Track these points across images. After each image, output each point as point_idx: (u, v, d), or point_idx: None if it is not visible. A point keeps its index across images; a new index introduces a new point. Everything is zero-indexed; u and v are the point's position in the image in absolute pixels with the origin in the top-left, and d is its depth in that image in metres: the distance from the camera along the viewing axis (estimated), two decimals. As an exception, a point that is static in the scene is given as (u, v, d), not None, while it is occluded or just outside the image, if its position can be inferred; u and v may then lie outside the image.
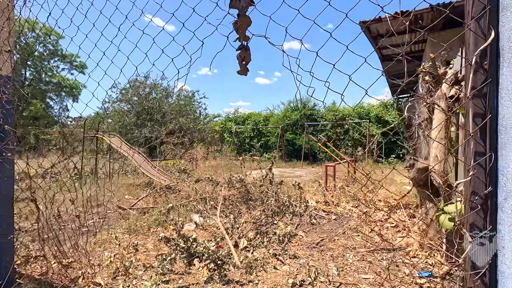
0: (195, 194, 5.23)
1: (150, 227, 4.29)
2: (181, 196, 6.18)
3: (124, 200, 6.38)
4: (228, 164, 13.55)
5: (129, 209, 4.93)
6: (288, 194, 5.93)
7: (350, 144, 16.08)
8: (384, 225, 4.32)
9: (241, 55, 1.28)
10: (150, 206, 5.30)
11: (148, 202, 5.61)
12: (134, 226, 4.27)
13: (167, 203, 5.57)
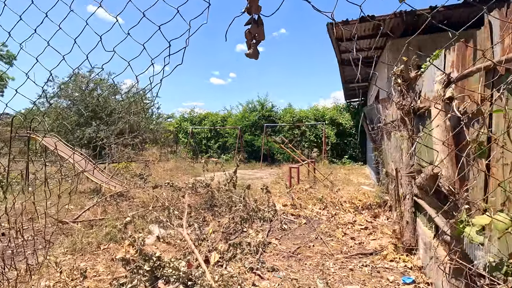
0: (154, 201, 4.65)
1: (100, 244, 3.64)
2: (136, 204, 5.51)
3: (65, 211, 5.46)
4: (185, 166, 12.83)
5: (72, 223, 4.17)
6: (254, 198, 5.66)
7: (307, 146, 16.51)
8: (354, 227, 4.31)
9: (251, 31, 0.96)
10: (98, 217, 4.57)
11: (96, 213, 4.86)
12: (80, 243, 3.59)
13: (120, 213, 4.89)
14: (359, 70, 10.17)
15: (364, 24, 5.50)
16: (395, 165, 3.75)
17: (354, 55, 7.95)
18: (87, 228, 4.26)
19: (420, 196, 1.62)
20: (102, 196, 5.55)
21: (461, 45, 2.15)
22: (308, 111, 17.34)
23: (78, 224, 4.29)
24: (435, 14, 5.02)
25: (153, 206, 4.43)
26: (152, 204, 4.50)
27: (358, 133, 15.26)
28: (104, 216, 4.73)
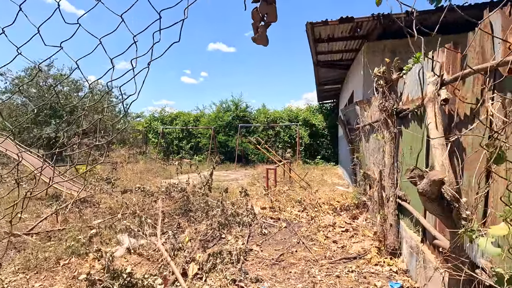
0: (123, 208, 4.25)
1: (59, 259, 3.21)
2: (103, 212, 5.03)
3: (17, 221, 4.84)
4: (156, 168, 12.22)
5: (25, 235, 3.66)
6: (231, 201, 5.44)
7: (281, 146, 16.56)
8: (335, 230, 4.26)
9: (261, 10, 0.77)
10: (58, 227, 4.08)
11: (55, 223, 4.34)
12: (34, 259, 3.14)
13: (84, 222, 4.42)
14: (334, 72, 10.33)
15: (342, 26, 5.51)
16: (377, 167, 3.74)
17: (331, 56, 8.02)
18: (44, 240, 3.77)
19: (422, 203, 1.51)
20: (63, 203, 5.00)
21: (451, 47, 2.12)
22: (282, 112, 17.41)
23: (32, 237, 3.78)
24: (410, 18, 5.16)
25: (122, 213, 4.04)
26: (121, 211, 4.10)
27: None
28: (65, 225, 4.24)
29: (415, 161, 2.76)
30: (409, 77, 3.09)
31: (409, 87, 3.07)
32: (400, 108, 3.21)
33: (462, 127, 1.92)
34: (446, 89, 2.07)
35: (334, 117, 16.14)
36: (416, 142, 2.76)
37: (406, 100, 3.15)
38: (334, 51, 7.50)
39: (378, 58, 6.02)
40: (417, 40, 5.21)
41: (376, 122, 4.04)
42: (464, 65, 1.95)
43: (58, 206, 4.53)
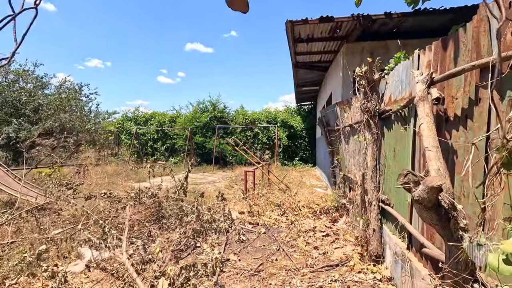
0: (84, 217, 3.83)
1: (5, 278, 2.78)
2: (63, 220, 4.55)
3: (-40, 233, 4.24)
4: (128, 171, 11.58)
5: (-35, 252, 3.16)
6: (208, 206, 5.15)
7: (259, 148, 16.41)
8: (316, 235, 4.12)
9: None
10: (8, 241, 3.59)
11: (5, 234, 3.83)
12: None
13: (40, 232, 3.95)
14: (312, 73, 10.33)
15: (322, 25, 5.43)
16: (358, 170, 3.64)
17: (309, 57, 7.96)
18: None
19: (417, 211, 1.36)
20: (16, 211, 4.47)
21: (438, 45, 2.02)
22: (261, 113, 17.28)
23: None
24: (388, 21, 5.18)
25: (84, 222, 3.62)
26: (82, 220, 3.68)
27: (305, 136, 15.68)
28: (17, 237, 3.75)
29: (400, 163, 2.66)
30: (391, 77, 3.01)
31: (391, 88, 2.98)
32: (382, 109, 3.12)
33: (452, 128, 1.82)
34: (433, 87, 1.96)
35: (312, 119, 16.26)
36: (400, 144, 2.66)
37: (389, 101, 3.06)
38: (313, 52, 7.44)
39: (357, 59, 6.02)
40: (394, 43, 5.21)
41: (357, 123, 3.95)
42: (455, 63, 1.85)
43: (9, 216, 4.01)
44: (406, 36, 5.91)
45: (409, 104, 2.43)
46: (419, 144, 2.25)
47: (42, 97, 16.60)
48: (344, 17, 4.98)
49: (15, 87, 16.21)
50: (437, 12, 4.74)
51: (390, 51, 5.81)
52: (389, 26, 5.58)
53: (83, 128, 16.83)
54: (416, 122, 2.32)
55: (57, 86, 18.13)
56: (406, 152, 2.50)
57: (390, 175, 2.94)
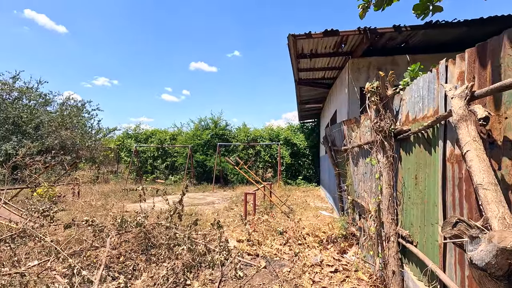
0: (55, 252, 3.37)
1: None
2: (43, 249, 4.09)
3: None
4: (124, 190, 11.14)
5: None
6: (203, 233, 4.68)
7: (261, 166, 15.97)
8: (323, 271, 3.61)
9: None
10: (-30, 277, 3.14)
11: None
12: None
13: (13, 265, 3.50)
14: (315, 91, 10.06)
15: (326, 40, 5.17)
16: (369, 196, 3.20)
17: (312, 74, 7.69)
18: None
19: (476, 279, 0.92)
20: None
21: (473, 53, 1.65)
22: (263, 130, 16.98)
23: None
24: (396, 34, 4.90)
25: (57, 256, 3.17)
26: (52, 257, 3.23)
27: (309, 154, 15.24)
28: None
29: (423, 194, 2.23)
30: (408, 93, 2.64)
31: (409, 105, 2.60)
32: (398, 129, 2.73)
33: (502, 155, 1.41)
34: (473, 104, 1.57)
35: (315, 137, 15.89)
36: (424, 171, 2.24)
37: (406, 119, 2.68)
38: (317, 68, 7.18)
39: (364, 75, 5.71)
40: (403, 58, 4.83)
41: (367, 143, 3.56)
42: (499, 74, 1.47)
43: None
44: (415, 51, 5.63)
45: (435, 124, 2.04)
46: (452, 173, 1.84)
47: (44, 114, 16.50)
48: (350, 30, 4.71)
49: (18, 105, 16.17)
50: (450, 25, 4.45)
51: (399, 67, 5.50)
52: (397, 41, 5.30)
53: (83, 145, 16.59)
54: (446, 146, 1.92)
55: (60, 103, 18.08)
56: (433, 182, 2.08)
57: (410, 206, 2.50)
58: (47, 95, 17.72)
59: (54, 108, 17.94)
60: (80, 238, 4.20)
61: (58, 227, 4.81)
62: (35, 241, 4.09)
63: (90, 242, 3.61)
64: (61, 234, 4.67)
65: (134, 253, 4.02)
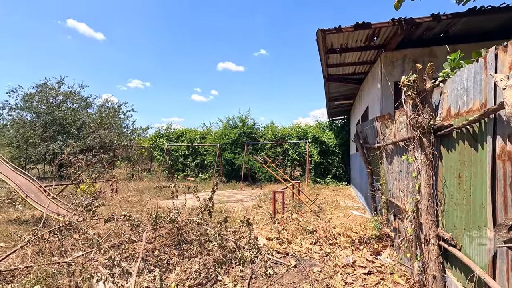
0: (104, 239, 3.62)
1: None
2: (86, 241, 4.40)
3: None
4: (157, 187, 11.63)
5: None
6: (233, 230, 4.74)
7: (289, 164, 15.84)
8: (356, 272, 3.50)
9: None
10: (25, 264, 3.46)
11: (26, 257, 3.73)
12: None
13: (61, 254, 3.80)
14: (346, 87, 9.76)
15: (357, 33, 4.97)
16: (407, 196, 3.04)
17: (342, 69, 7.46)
18: (4, 281, 3.15)
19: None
20: (43, 229, 4.42)
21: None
22: (291, 128, 16.82)
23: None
24: (434, 24, 4.58)
25: (99, 248, 3.40)
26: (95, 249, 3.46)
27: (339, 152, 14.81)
28: (36, 260, 3.62)
29: (469, 194, 2.07)
30: (450, 85, 2.45)
31: (451, 98, 2.42)
32: (438, 125, 2.55)
33: None
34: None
35: (345, 134, 15.44)
36: (470, 170, 2.08)
37: (447, 114, 2.49)
38: (347, 63, 6.94)
39: (398, 69, 5.42)
40: (442, 49, 4.52)
41: (403, 140, 3.38)
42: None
43: (33, 236, 3.93)
44: (455, 40, 5.23)
45: (483, 118, 1.88)
46: (503, 171, 1.68)
47: (85, 116, 17.69)
48: (383, 22, 4.48)
49: (63, 108, 17.48)
50: (497, 10, 4.07)
51: (438, 59, 5.15)
52: (435, 31, 4.96)
53: (119, 144, 17.59)
54: (496, 142, 1.76)
55: (99, 105, 19.29)
56: (480, 181, 1.92)
57: (453, 206, 2.33)
58: (87, 98, 19.01)
59: (94, 110, 19.21)
60: (119, 232, 4.46)
61: (99, 221, 5.15)
62: (80, 233, 4.41)
63: (128, 236, 3.82)
64: (101, 227, 4.99)
65: (167, 247, 4.18)
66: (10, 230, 5.31)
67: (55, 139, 16.08)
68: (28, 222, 6.00)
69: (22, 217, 6.42)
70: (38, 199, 5.73)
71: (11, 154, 16.83)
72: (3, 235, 4.97)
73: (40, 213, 6.06)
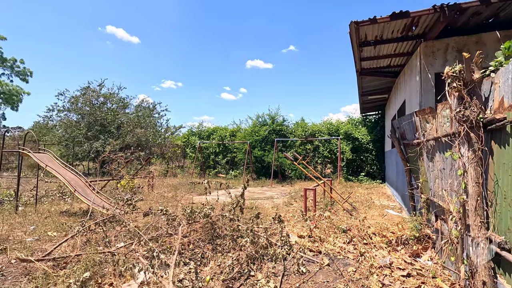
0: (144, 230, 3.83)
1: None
2: (127, 233, 4.69)
3: (45, 240, 4.71)
4: (191, 184, 12.03)
5: (36, 261, 3.37)
6: (264, 227, 4.76)
7: (320, 161, 15.54)
8: (394, 274, 3.35)
9: None
10: (75, 253, 3.78)
11: (76, 246, 4.07)
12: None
13: (105, 245, 4.09)
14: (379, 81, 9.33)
15: (393, 23, 4.71)
16: (451, 195, 2.83)
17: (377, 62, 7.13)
18: (58, 268, 3.46)
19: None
20: (90, 221, 4.78)
21: None
22: (321, 125, 16.48)
23: (48, 263, 3.50)
24: (483, 8, 4.19)
25: (139, 240, 3.61)
26: (136, 240, 3.68)
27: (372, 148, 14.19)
28: (84, 249, 3.94)
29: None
30: (503, 75, 2.24)
31: (505, 88, 2.21)
32: (489, 118, 2.34)
33: None
34: None
35: (379, 130, 14.79)
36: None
37: (499, 106, 2.28)
38: (382, 56, 6.62)
39: (440, 60, 5.04)
40: (491, 36, 4.14)
41: (446, 136, 3.15)
42: None
43: (81, 227, 4.27)
44: (507, 26, 4.75)
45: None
46: None
47: (123, 116, 18.77)
48: (423, 10, 4.19)
49: (104, 108, 18.69)
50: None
51: (486, 46, 4.72)
52: (482, 16, 4.54)
53: (155, 142, 18.47)
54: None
55: (136, 105, 20.37)
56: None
57: (507, 207, 2.13)
58: (125, 99, 20.16)
59: (130, 110, 20.33)
60: (156, 226, 4.69)
61: (138, 214, 5.46)
62: (122, 226, 4.72)
63: (166, 229, 4.00)
64: (140, 221, 5.29)
65: (201, 241, 4.31)
66: (62, 221, 5.82)
67: (97, 138, 17.27)
68: (76, 214, 6.52)
69: (71, 209, 7.00)
70: (85, 193, 6.20)
71: (60, 152, 18.36)
72: (56, 225, 5.45)
73: (87, 206, 6.56)
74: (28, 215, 6.22)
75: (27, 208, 6.99)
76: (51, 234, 5.00)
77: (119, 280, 3.18)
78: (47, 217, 6.08)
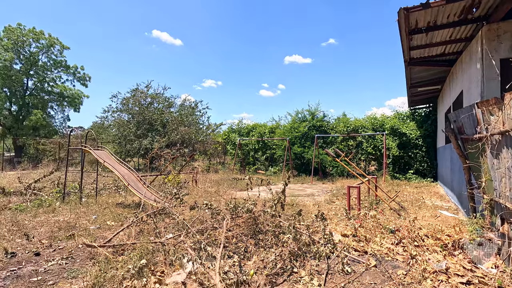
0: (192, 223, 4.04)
1: (124, 278, 3.10)
2: (176, 225, 4.98)
3: (105, 228, 5.21)
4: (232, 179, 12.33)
5: (99, 247, 3.75)
6: (306, 224, 4.71)
7: (363, 158, 14.85)
8: (451, 280, 3.09)
9: None
10: (131, 241, 4.12)
11: (131, 235, 4.44)
12: (103, 276, 3.09)
13: (156, 235, 4.40)
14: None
15: (450, 6, 4.28)
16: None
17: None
18: (117, 254, 3.81)
19: None
20: (142, 212, 5.18)
21: None
22: (365, 120, 15.71)
23: (109, 249, 3.87)
24: None
25: (187, 232, 3.81)
26: (184, 232, 3.88)
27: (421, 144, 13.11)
28: (138, 238, 4.28)
29: None
30: None
31: None
32: None
33: None
34: None
35: (430, 124, 13.66)
36: None
37: None
38: (434, 43, 6.07)
39: (506, 44, 4.47)
40: None
41: None
42: None
43: (134, 218, 4.64)
44: None
45: None
46: None
47: (168, 114, 19.89)
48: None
49: (151, 108, 20.00)
50: None
51: None
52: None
53: (197, 139, 19.30)
54: None
55: (179, 104, 21.46)
56: None
57: None
58: (169, 99, 21.34)
59: (175, 109, 21.46)
60: (201, 219, 4.91)
61: (185, 208, 5.77)
62: (170, 218, 5.02)
63: (211, 223, 4.17)
64: (186, 214, 5.58)
65: (244, 236, 4.41)
66: (118, 211, 6.39)
67: (145, 136, 18.56)
68: (130, 206, 7.10)
69: (125, 201, 7.64)
70: (137, 187, 6.72)
71: (114, 149, 20.11)
72: (113, 215, 6.00)
73: (138, 199, 7.11)
74: (90, 206, 6.94)
75: (89, 199, 7.79)
76: (109, 223, 5.52)
77: (169, 269, 3.40)
78: (105, 208, 6.72)
